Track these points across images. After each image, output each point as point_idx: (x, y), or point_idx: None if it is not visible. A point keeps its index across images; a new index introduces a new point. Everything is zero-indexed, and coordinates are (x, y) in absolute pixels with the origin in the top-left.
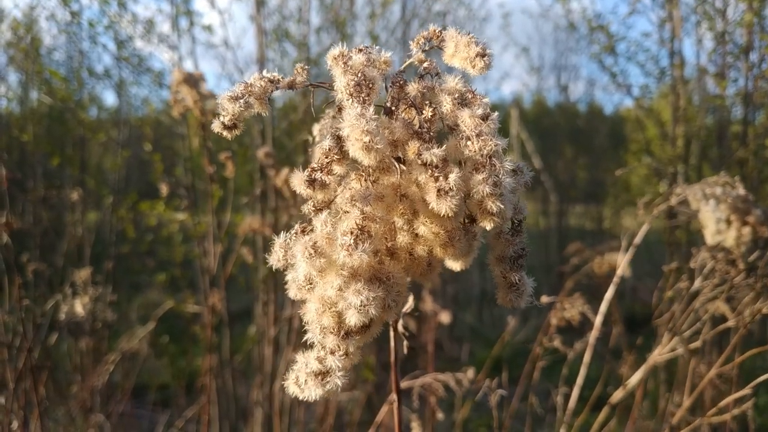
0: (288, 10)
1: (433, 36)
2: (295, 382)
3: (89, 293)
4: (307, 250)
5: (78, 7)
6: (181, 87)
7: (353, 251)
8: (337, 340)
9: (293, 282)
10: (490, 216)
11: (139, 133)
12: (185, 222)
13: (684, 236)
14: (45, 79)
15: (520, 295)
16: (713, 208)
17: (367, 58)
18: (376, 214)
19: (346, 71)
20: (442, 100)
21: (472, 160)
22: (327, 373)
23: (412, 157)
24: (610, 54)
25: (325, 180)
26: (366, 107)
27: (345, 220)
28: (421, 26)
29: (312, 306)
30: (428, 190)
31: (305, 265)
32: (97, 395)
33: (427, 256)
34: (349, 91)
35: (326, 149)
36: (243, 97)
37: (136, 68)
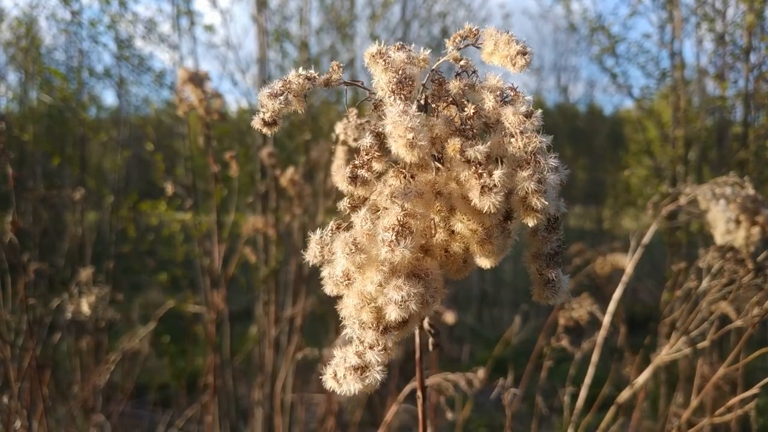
0: (289, 10)
1: (469, 34)
2: (333, 376)
3: (95, 292)
4: (348, 246)
5: (78, 7)
6: (187, 86)
7: (395, 247)
8: (376, 335)
9: (330, 278)
10: (533, 212)
11: (139, 132)
12: (186, 222)
13: (684, 237)
14: (46, 78)
15: (556, 291)
16: (723, 208)
17: (407, 56)
18: (416, 210)
19: (387, 68)
20: (483, 97)
21: (516, 157)
22: (366, 367)
23: (452, 153)
24: (611, 55)
25: (366, 176)
26: (408, 104)
27: (385, 216)
28: (421, 27)
29: (350, 301)
30: (471, 187)
31: (345, 261)
32: (99, 395)
33: (463, 253)
34: (391, 88)
35: (367, 146)
36: (282, 95)
37: (137, 68)
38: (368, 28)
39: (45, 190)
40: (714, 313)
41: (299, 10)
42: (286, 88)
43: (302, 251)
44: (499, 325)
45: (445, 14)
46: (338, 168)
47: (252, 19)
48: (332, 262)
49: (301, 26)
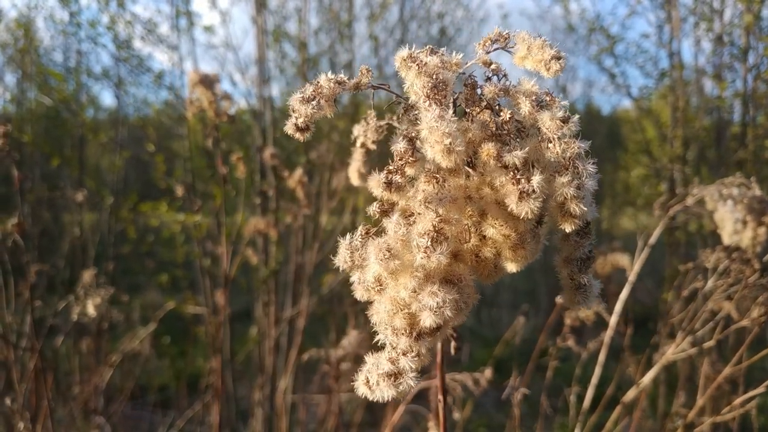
0: (287, 11)
1: (499, 38)
2: (366, 383)
3: (101, 294)
4: (382, 252)
5: (77, 8)
6: (197, 88)
7: (431, 253)
8: (409, 341)
9: (360, 283)
10: (572, 218)
11: (137, 133)
12: (187, 223)
13: (683, 236)
14: (45, 79)
15: (587, 296)
16: (731, 209)
17: (441, 60)
18: (450, 216)
19: (420, 73)
20: (518, 101)
21: (554, 163)
22: (399, 374)
23: (485, 158)
24: (610, 55)
25: (401, 182)
26: (444, 109)
27: (419, 222)
28: (420, 27)
29: (383, 307)
30: (508, 192)
31: (378, 267)
32: (101, 396)
33: (494, 258)
34: (426, 93)
35: (400, 151)
36: (314, 99)
37: (136, 69)
38: (367, 28)
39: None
40: (718, 314)
41: (298, 11)
42: (317, 93)
43: (302, 252)
44: (498, 326)
45: (444, 15)
46: (356, 170)
47: (251, 20)
48: (362, 268)
49: (300, 27)
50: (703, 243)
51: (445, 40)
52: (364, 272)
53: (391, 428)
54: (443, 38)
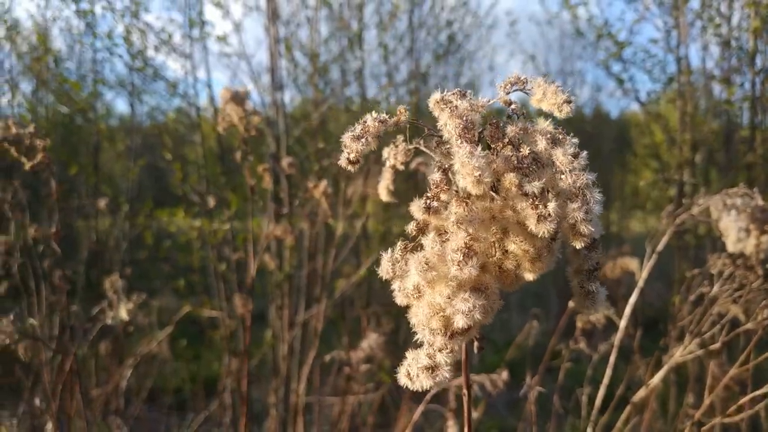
0: (299, 19)
1: (517, 81)
2: (407, 375)
3: (132, 299)
4: (422, 265)
5: (92, 19)
6: (229, 104)
7: (463, 266)
8: (444, 340)
9: (401, 290)
10: (581, 237)
11: (150, 140)
12: (203, 228)
13: (692, 240)
14: (64, 89)
15: (595, 301)
16: (734, 218)
17: (470, 104)
18: (478, 234)
19: (453, 116)
20: (535, 139)
21: (566, 191)
22: (436, 367)
23: (508, 186)
24: (618, 61)
25: (437, 206)
26: (474, 146)
27: (452, 240)
28: (428, 34)
29: (421, 311)
30: (528, 216)
31: (418, 277)
32: (121, 397)
33: (515, 269)
34: (458, 133)
35: (436, 180)
36: (363, 137)
37: (151, 78)
38: (378, 37)
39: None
40: (728, 316)
41: (308, 20)
42: (365, 131)
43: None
44: (507, 328)
45: (452, 22)
46: (385, 187)
47: (264, 29)
48: (402, 277)
49: (312, 36)
50: (712, 246)
51: (453, 47)
52: (404, 281)
53: (412, 427)
54: (452, 45)
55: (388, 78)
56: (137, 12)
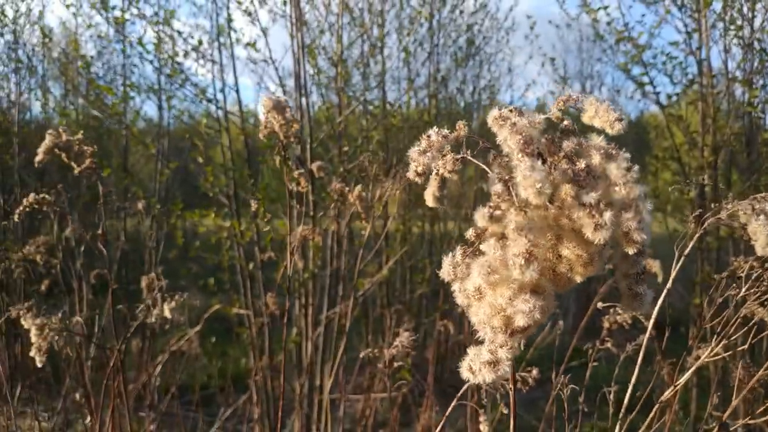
0: (322, 26)
1: (569, 100)
2: (469, 369)
3: (176, 298)
4: (485, 268)
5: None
6: (271, 112)
7: (525, 270)
8: (505, 337)
9: (461, 291)
10: (634, 244)
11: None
12: (233, 229)
13: (714, 242)
14: (96, 93)
15: (642, 302)
16: (764, 223)
17: (529, 121)
18: (537, 240)
19: (513, 132)
20: (591, 153)
21: (620, 202)
22: (497, 362)
23: (564, 196)
24: (638, 64)
25: (499, 215)
26: (534, 161)
27: (513, 246)
28: (448, 38)
29: (482, 311)
30: (585, 224)
31: (480, 280)
32: (155, 393)
33: (567, 272)
34: (519, 148)
35: (498, 191)
36: (428, 151)
37: (182, 83)
38: (400, 42)
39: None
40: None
41: (330, 26)
42: (430, 146)
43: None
44: None
45: (472, 26)
46: (431, 194)
47: (290, 35)
48: (462, 280)
49: (336, 42)
50: (735, 248)
51: (472, 50)
52: (464, 283)
53: (443, 422)
54: (470, 48)
55: (408, 82)
56: (168, 20)
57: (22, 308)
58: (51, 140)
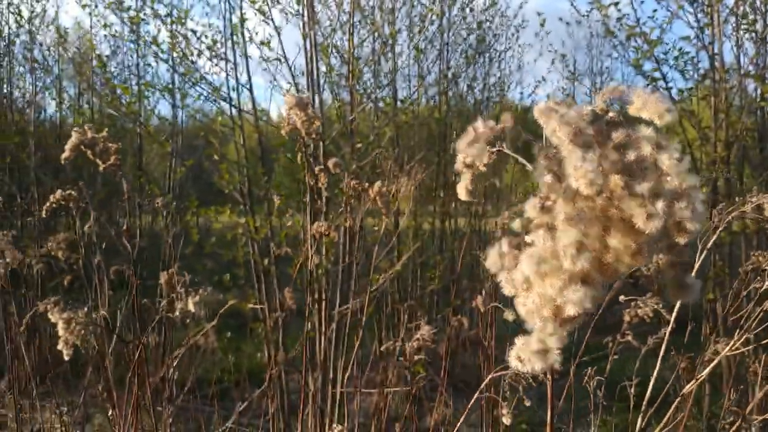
0: (334, 25)
1: (615, 92)
2: (518, 358)
3: (200, 292)
4: (534, 259)
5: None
6: (293, 110)
7: (576, 261)
8: (554, 326)
9: (509, 282)
10: (685, 233)
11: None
12: (248, 225)
13: (726, 237)
14: (112, 92)
15: (690, 292)
16: None
17: (578, 112)
18: (588, 231)
19: (562, 124)
20: (641, 145)
21: (672, 192)
22: (546, 351)
23: (613, 187)
24: (649, 60)
25: (549, 205)
26: (585, 151)
27: (563, 236)
28: (458, 35)
29: (530, 301)
30: (636, 214)
31: (530, 270)
32: (174, 387)
33: (614, 263)
34: (570, 140)
35: (548, 183)
36: (476, 143)
37: (196, 82)
38: (411, 40)
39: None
40: None
41: (341, 25)
42: (477, 137)
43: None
44: None
45: (482, 23)
46: (464, 187)
47: (302, 35)
48: (508, 270)
49: (348, 41)
50: (747, 243)
51: (482, 47)
52: (512, 273)
53: (466, 415)
54: (481, 46)
55: (419, 79)
56: (183, 20)
57: (49, 303)
58: (77, 138)
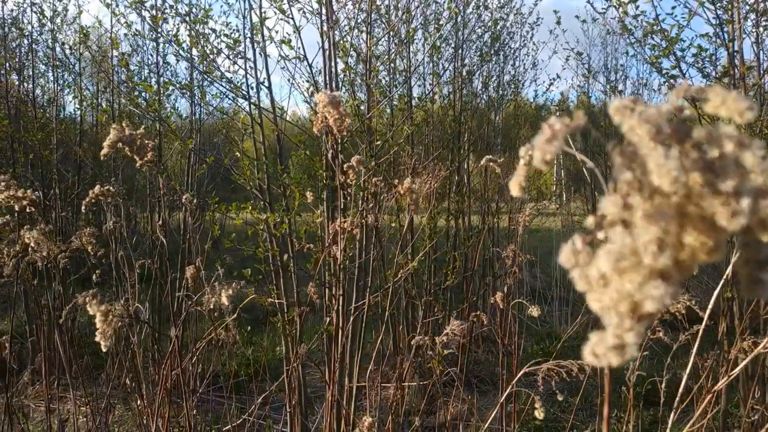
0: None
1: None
2: (593, 353)
3: (233, 286)
4: (614, 255)
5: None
6: (326, 108)
7: (657, 257)
8: (632, 322)
9: (582, 278)
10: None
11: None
12: (268, 221)
13: None
14: (135, 90)
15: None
16: None
17: (656, 110)
18: (668, 228)
19: (642, 121)
20: (723, 143)
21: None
22: (623, 346)
23: (692, 183)
24: (668, 58)
25: (630, 202)
26: (666, 149)
27: (643, 233)
28: (473, 33)
29: (606, 297)
30: (719, 212)
31: (608, 267)
32: (197, 379)
33: (689, 260)
34: (650, 137)
35: (629, 180)
36: (553, 140)
37: (217, 79)
38: (425, 39)
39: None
40: None
41: (356, 25)
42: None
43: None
44: (549, 320)
45: (497, 21)
46: (517, 183)
47: (319, 33)
48: (582, 266)
49: (367, 40)
50: None
51: (497, 45)
52: (586, 270)
53: (497, 409)
54: (495, 43)
55: (435, 76)
56: (204, 18)
57: (87, 295)
58: (116, 135)
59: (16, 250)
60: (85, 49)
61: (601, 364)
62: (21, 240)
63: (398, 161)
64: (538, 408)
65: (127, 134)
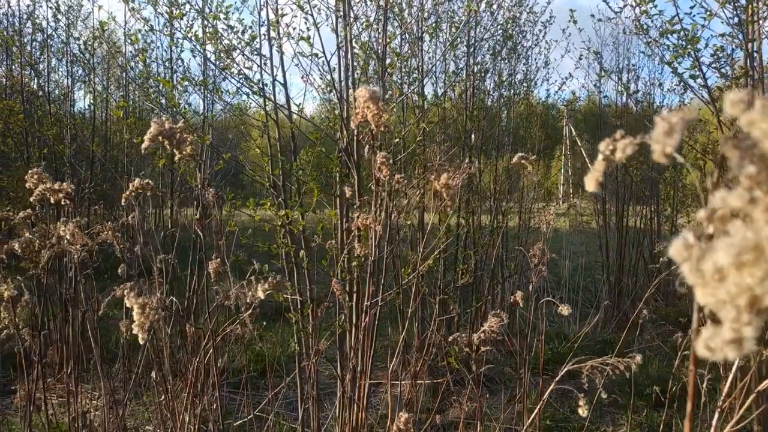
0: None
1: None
2: (707, 347)
3: (269, 280)
4: (734, 249)
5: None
6: (366, 103)
7: None
8: (750, 316)
9: (695, 271)
10: None
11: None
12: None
13: None
14: (153, 86)
15: None
16: None
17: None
18: None
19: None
20: None
21: None
22: (740, 340)
23: None
24: (685, 58)
25: (747, 197)
26: None
27: (766, 227)
28: (486, 31)
29: (722, 291)
30: None
31: (727, 260)
32: (216, 374)
33: None
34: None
35: (752, 174)
36: (672, 133)
37: (233, 75)
38: (443, 36)
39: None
40: None
41: (370, 23)
42: (672, 128)
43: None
44: (557, 321)
45: (510, 21)
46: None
47: (334, 31)
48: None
49: (382, 39)
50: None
51: (509, 44)
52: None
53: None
54: (507, 42)
55: (445, 76)
56: (225, 15)
57: (126, 288)
58: (156, 128)
59: (51, 242)
60: (98, 45)
61: (717, 358)
62: (56, 233)
63: (414, 159)
64: (581, 405)
65: (167, 128)
